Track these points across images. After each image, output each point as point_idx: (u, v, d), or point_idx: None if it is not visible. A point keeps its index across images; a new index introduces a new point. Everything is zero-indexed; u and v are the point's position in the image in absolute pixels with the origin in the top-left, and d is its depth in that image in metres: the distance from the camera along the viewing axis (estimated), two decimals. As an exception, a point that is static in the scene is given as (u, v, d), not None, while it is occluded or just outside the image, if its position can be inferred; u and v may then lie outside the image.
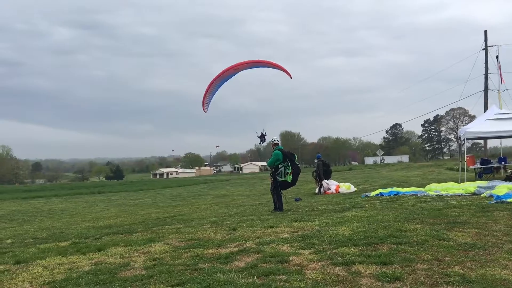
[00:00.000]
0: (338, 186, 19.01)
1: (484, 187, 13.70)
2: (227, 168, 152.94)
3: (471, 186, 14.24)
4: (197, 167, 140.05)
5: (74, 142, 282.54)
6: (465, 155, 19.83)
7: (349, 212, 10.53)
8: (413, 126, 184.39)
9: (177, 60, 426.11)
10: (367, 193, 15.78)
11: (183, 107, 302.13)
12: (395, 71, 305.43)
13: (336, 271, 5.20)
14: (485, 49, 32.34)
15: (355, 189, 19.27)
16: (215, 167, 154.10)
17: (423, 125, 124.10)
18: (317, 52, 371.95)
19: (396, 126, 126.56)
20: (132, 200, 26.83)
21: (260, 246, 6.81)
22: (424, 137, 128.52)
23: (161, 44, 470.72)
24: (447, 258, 5.50)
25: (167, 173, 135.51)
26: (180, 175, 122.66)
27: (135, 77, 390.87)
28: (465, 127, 21.72)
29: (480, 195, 12.75)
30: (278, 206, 11.98)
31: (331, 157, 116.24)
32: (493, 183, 14.90)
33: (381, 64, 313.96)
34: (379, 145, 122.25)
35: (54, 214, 20.02)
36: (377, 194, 14.97)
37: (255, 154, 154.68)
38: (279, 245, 6.80)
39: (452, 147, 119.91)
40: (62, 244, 8.87)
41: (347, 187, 19.12)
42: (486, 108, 30.85)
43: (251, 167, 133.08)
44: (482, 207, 9.79)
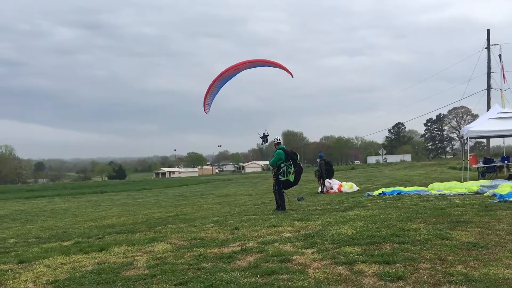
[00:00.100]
0: (341, 185, 19.00)
1: (487, 186, 13.63)
2: (229, 167, 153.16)
3: (474, 185, 14.19)
4: (199, 167, 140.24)
5: (76, 142, 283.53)
6: (468, 154, 19.74)
7: (351, 211, 10.50)
8: (416, 125, 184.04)
9: (179, 60, 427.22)
10: (369, 192, 15.75)
11: (185, 106, 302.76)
12: (397, 70, 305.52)
13: (338, 270, 5.20)
14: (488, 47, 32.27)
15: (357, 188, 19.24)
16: (217, 167, 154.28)
17: (425, 124, 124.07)
18: (318, 51, 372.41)
19: (398, 125, 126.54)
20: (135, 200, 26.84)
21: (263, 246, 6.81)
22: (426, 136, 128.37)
23: (163, 44, 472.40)
24: (450, 257, 5.48)
25: (170, 172, 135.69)
26: (182, 175, 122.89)
27: (137, 77, 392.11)
28: (467, 126, 21.65)
29: (483, 194, 12.71)
30: (280, 205, 11.97)
31: (333, 156, 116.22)
32: (496, 182, 14.82)
33: (383, 64, 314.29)
34: (382, 144, 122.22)
35: (57, 213, 20.07)
36: (379, 194, 14.94)
37: (257, 154, 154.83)
38: (282, 245, 6.80)
39: (455, 146, 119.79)
40: (65, 243, 8.89)
41: (349, 186, 19.09)
42: (488, 107, 30.77)
43: (253, 167, 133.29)
44: (485, 206, 9.74)
